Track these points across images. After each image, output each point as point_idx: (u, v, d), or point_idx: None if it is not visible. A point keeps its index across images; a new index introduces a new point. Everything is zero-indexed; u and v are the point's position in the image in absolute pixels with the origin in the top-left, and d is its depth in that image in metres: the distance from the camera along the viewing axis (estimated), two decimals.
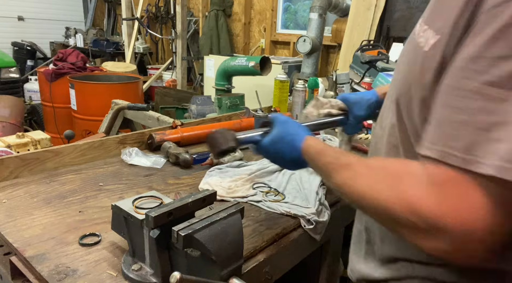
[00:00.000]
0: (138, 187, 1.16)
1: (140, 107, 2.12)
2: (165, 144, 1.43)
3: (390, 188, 0.56)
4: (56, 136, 3.41)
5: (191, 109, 2.66)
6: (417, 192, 0.52)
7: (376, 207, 0.58)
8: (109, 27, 7.29)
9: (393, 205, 0.54)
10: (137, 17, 5.16)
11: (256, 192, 1.14)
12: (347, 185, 0.64)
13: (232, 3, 5.26)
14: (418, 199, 0.51)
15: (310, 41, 3.57)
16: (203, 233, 0.67)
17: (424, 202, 0.51)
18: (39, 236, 0.87)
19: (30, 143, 2.02)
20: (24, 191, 1.09)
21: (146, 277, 0.75)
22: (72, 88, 3.45)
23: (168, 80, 5.38)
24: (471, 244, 0.48)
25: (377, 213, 0.59)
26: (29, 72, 5.74)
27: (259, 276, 0.88)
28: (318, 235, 1.03)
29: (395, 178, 0.57)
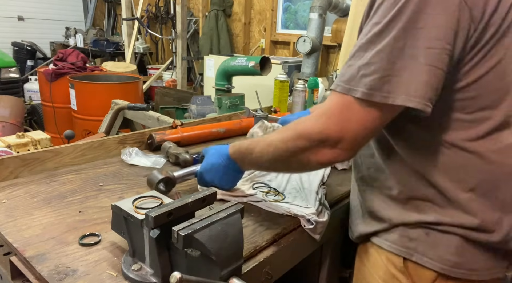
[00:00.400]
0: (138, 187, 1.15)
1: (140, 107, 2.12)
2: (165, 144, 1.43)
3: (290, 131, 0.79)
4: (56, 136, 3.42)
5: (191, 109, 2.66)
6: (305, 124, 0.76)
7: (281, 150, 0.80)
8: (109, 27, 7.29)
9: (288, 140, 0.78)
10: (137, 17, 5.17)
11: (256, 192, 1.14)
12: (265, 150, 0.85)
13: (232, 3, 5.27)
14: (304, 127, 0.76)
15: (310, 41, 3.57)
16: (203, 233, 0.67)
17: (310, 127, 0.74)
18: (39, 236, 0.87)
19: (30, 143, 2.02)
20: (24, 191, 1.09)
21: (146, 277, 0.75)
22: (72, 88, 3.45)
23: (168, 80, 5.38)
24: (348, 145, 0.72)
25: (283, 155, 0.81)
26: (29, 72, 5.74)
27: (259, 276, 0.88)
28: (318, 235, 1.03)
29: (294, 124, 0.80)
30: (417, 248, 0.82)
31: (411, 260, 0.83)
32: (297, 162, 0.80)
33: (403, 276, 0.84)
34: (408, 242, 0.83)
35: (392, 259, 0.86)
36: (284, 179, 1.22)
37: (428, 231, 0.81)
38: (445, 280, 0.81)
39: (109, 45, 6.25)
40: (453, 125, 0.76)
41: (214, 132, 1.66)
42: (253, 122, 1.73)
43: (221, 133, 1.68)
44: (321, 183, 1.21)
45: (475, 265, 0.80)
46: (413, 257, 0.82)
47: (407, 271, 0.84)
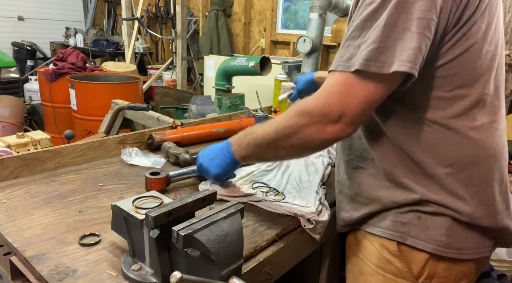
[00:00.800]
0: (138, 187, 1.16)
1: (140, 107, 2.11)
2: (165, 144, 1.43)
3: (291, 110, 0.82)
4: (56, 136, 3.42)
5: (191, 109, 2.66)
6: (306, 102, 0.79)
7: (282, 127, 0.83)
8: (109, 27, 7.29)
9: (290, 118, 0.81)
10: (137, 17, 5.16)
11: (256, 192, 1.14)
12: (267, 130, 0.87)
13: (232, 3, 5.26)
14: (305, 104, 0.79)
15: (310, 41, 3.57)
16: (203, 233, 0.67)
17: (311, 104, 0.78)
18: (39, 236, 0.87)
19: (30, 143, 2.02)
20: (24, 191, 1.09)
21: (146, 277, 0.75)
22: (72, 88, 3.45)
23: (168, 80, 5.38)
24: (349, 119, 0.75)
25: (284, 133, 0.83)
26: (29, 72, 5.74)
27: (259, 276, 0.88)
28: (318, 235, 1.03)
29: (295, 105, 0.83)
30: (410, 231, 0.85)
31: (404, 244, 0.86)
32: (299, 140, 0.81)
33: (397, 260, 0.88)
34: (401, 227, 0.86)
35: (386, 244, 0.89)
36: (284, 178, 1.22)
37: (420, 214, 0.85)
38: (436, 260, 0.85)
39: (109, 45, 6.25)
40: (434, 103, 0.81)
41: (214, 132, 1.66)
42: (253, 122, 1.73)
43: (221, 133, 1.68)
44: (321, 183, 1.21)
45: (464, 244, 0.84)
46: (407, 240, 0.86)
47: (401, 255, 0.87)
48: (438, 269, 0.86)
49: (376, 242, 0.91)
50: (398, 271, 0.88)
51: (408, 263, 0.87)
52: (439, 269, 0.86)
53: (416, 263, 0.86)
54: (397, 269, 0.88)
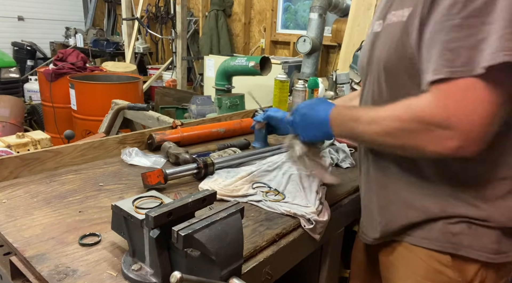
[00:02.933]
0: (138, 187, 1.15)
1: (140, 107, 2.11)
2: (165, 144, 1.43)
3: (403, 110, 0.74)
4: (56, 136, 3.41)
5: (191, 109, 2.66)
6: (422, 105, 0.71)
7: (394, 129, 0.75)
8: (109, 27, 7.29)
9: (405, 122, 0.73)
10: (137, 17, 5.16)
11: (256, 192, 1.14)
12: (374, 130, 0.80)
13: (232, 3, 5.26)
14: (422, 110, 0.71)
15: (310, 41, 3.57)
16: (203, 233, 0.67)
17: (428, 110, 0.70)
18: (39, 236, 0.87)
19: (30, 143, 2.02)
20: (24, 191, 1.09)
21: (146, 277, 0.75)
22: (72, 88, 3.45)
23: (168, 80, 5.37)
24: (476, 132, 0.66)
25: (395, 135, 0.75)
26: (29, 72, 5.74)
27: (259, 276, 0.88)
28: (318, 235, 1.03)
29: (405, 104, 0.75)
30: (462, 242, 0.83)
31: (457, 255, 0.84)
32: (410, 146, 0.74)
33: (450, 270, 0.86)
34: (452, 237, 0.84)
35: (435, 256, 0.87)
36: (284, 179, 1.22)
37: (471, 224, 0.82)
38: (486, 267, 0.85)
39: (109, 45, 6.24)
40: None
41: (214, 133, 1.66)
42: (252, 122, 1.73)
43: (221, 133, 1.68)
44: (322, 183, 1.21)
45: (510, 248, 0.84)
46: (460, 251, 0.84)
47: (454, 265, 0.85)
48: (488, 274, 0.86)
49: (422, 254, 0.88)
50: (450, 280, 0.87)
51: (461, 272, 0.86)
52: (489, 274, 0.86)
53: (469, 272, 0.85)
54: (449, 278, 0.87)
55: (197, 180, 1.24)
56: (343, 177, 1.33)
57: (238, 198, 1.10)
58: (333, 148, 1.50)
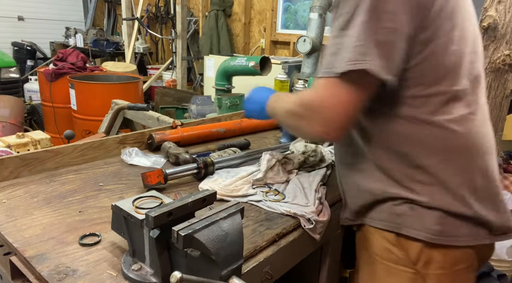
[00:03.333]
0: (138, 187, 1.15)
1: (140, 107, 2.11)
2: (165, 144, 1.43)
3: (298, 96, 0.92)
4: (56, 136, 3.41)
5: (191, 109, 2.66)
6: (306, 93, 0.90)
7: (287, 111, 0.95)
8: (109, 27, 7.29)
9: (292, 103, 0.92)
10: (137, 17, 5.16)
11: (256, 192, 1.14)
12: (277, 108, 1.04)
13: (232, 3, 5.26)
14: (303, 95, 0.90)
15: (310, 41, 3.57)
16: (203, 233, 0.67)
17: (307, 96, 0.88)
18: (39, 236, 0.87)
19: (30, 143, 2.02)
20: (24, 191, 1.09)
21: (146, 277, 0.75)
22: (72, 88, 3.45)
23: (168, 80, 5.37)
24: (339, 119, 0.82)
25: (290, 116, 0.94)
26: (29, 72, 5.74)
27: (259, 276, 0.88)
28: (318, 235, 1.03)
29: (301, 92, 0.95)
30: (404, 222, 0.91)
31: (400, 234, 0.92)
32: (297, 127, 0.94)
33: (396, 248, 0.93)
34: (396, 218, 0.92)
35: (385, 235, 0.95)
36: (283, 179, 1.22)
37: (413, 206, 0.90)
38: (430, 247, 0.90)
39: (109, 45, 6.24)
40: (410, 101, 0.87)
41: (214, 133, 1.66)
42: (253, 122, 1.73)
43: (221, 133, 1.68)
44: (321, 183, 1.21)
45: (457, 232, 0.89)
46: (402, 230, 0.92)
47: (399, 244, 0.93)
48: (434, 255, 0.90)
49: (376, 234, 0.97)
50: (398, 259, 0.93)
51: (406, 251, 0.92)
52: (435, 255, 0.90)
53: (413, 251, 0.91)
54: (397, 257, 0.93)
55: (197, 180, 1.24)
56: None
57: (238, 198, 1.10)
58: (333, 147, 1.50)
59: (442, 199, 0.88)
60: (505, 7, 1.57)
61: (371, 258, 0.99)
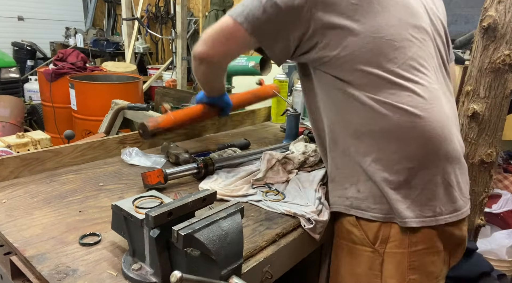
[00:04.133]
0: (138, 187, 1.16)
1: (140, 107, 2.11)
2: (165, 144, 1.43)
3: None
4: (56, 136, 3.41)
5: None
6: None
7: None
8: (109, 27, 7.29)
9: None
10: (137, 17, 5.16)
11: (256, 191, 1.14)
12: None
13: (232, 3, 5.26)
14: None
15: None
16: (203, 233, 0.67)
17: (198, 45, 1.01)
18: (39, 236, 0.87)
19: (30, 143, 2.02)
20: (24, 191, 1.09)
21: (146, 276, 0.75)
22: (72, 88, 3.45)
23: (168, 80, 5.37)
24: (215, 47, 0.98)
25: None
26: (29, 72, 5.74)
27: (259, 275, 0.88)
28: (317, 235, 1.03)
29: None
30: (352, 204, 0.99)
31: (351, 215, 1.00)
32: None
33: (356, 229, 1.00)
34: (346, 201, 1.01)
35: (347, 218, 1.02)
36: (283, 179, 1.22)
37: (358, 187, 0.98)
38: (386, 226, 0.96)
39: (109, 45, 6.24)
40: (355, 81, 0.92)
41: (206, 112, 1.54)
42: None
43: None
44: (321, 183, 1.22)
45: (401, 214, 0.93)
46: (351, 211, 1.00)
47: (359, 224, 0.99)
48: (391, 233, 0.95)
49: (339, 217, 1.05)
50: (358, 239, 0.99)
51: (365, 231, 0.98)
52: (392, 233, 0.95)
53: (371, 230, 0.97)
54: (357, 237, 0.99)
55: (197, 179, 1.24)
56: None
57: (238, 198, 1.10)
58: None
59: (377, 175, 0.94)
60: (505, 7, 1.57)
61: (337, 242, 1.07)
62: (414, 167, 0.91)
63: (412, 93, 0.91)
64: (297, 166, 1.30)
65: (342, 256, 1.05)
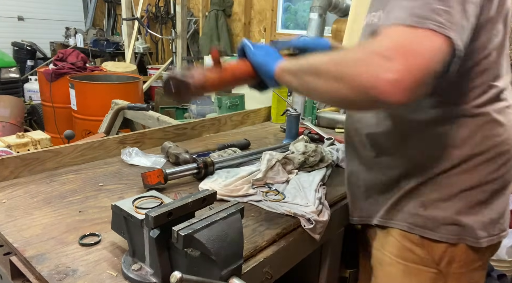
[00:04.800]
0: (138, 187, 1.15)
1: (140, 107, 2.12)
2: (165, 144, 1.43)
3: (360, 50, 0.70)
4: (56, 136, 3.41)
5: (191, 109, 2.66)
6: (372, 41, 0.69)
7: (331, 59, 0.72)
8: (109, 27, 7.29)
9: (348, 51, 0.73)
10: (137, 17, 5.16)
11: (256, 191, 1.14)
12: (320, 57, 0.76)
13: (232, 3, 5.27)
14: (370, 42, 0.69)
15: None
16: (203, 233, 0.67)
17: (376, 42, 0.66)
18: (39, 236, 0.87)
19: (30, 143, 2.02)
20: (24, 191, 1.09)
21: (146, 277, 0.75)
22: (72, 88, 3.45)
23: None
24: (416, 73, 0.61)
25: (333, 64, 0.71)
26: (29, 72, 5.74)
27: (259, 276, 0.88)
28: (318, 235, 1.02)
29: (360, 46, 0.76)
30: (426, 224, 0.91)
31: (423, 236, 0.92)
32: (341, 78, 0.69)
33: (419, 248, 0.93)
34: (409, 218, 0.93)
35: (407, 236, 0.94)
36: (283, 179, 1.22)
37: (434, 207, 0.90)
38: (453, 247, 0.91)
39: (109, 45, 6.25)
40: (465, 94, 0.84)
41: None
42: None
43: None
44: (321, 183, 1.21)
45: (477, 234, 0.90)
46: (426, 233, 0.91)
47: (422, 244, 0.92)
48: (457, 254, 0.91)
49: (396, 234, 0.96)
50: (419, 259, 0.93)
51: (429, 251, 0.92)
52: (458, 254, 0.91)
53: (437, 250, 0.91)
54: (419, 257, 0.93)
55: (197, 180, 1.24)
56: (343, 177, 1.32)
57: (238, 198, 1.10)
58: (333, 148, 1.50)
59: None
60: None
61: (387, 258, 0.98)
62: (498, 188, 0.89)
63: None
64: (297, 166, 1.29)
65: (394, 275, 0.98)
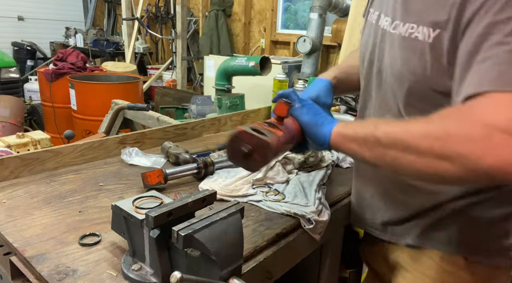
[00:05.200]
0: (138, 187, 1.15)
1: (140, 107, 2.12)
2: (165, 144, 1.43)
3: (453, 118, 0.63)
4: (56, 136, 3.41)
5: (191, 109, 2.66)
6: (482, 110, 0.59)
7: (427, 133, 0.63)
8: (109, 27, 7.29)
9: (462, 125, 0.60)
10: (137, 17, 5.16)
11: (256, 191, 1.14)
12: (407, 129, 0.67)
13: (232, 3, 5.27)
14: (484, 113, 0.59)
15: (310, 41, 3.57)
16: (203, 233, 0.67)
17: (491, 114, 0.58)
18: (39, 236, 0.87)
19: (30, 143, 2.02)
20: (24, 191, 1.09)
21: (146, 277, 0.75)
22: (72, 88, 3.45)
23: (168, 80, 5.38)
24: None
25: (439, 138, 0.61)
26: (29, 72, 5.74)
27: (259, 276, 0.88)
28: (318, 235, 1.02)
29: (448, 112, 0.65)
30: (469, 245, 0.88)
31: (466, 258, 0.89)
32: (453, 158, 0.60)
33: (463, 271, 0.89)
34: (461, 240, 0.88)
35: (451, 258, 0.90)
36: (283, 179, 1.22)
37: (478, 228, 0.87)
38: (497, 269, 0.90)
39: (109, 45, 6.24)
40: None
41: None
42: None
43: None
44: (321, 183, 1.21)
45: None
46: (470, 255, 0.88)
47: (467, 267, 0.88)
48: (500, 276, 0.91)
49: (434, 256, 0.92)
50: (462, 281, 0.90)
51: (474, 273, 0.89)
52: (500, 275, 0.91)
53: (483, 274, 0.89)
54: (462, 279, 0.89)
55: (197, 180, 1.24)
56: (343, 177, 1.33)
57: (238, 198, 1.10)
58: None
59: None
60: None
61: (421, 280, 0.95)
62: None
63: None
64: (297, 166, 1.29)
65: None
